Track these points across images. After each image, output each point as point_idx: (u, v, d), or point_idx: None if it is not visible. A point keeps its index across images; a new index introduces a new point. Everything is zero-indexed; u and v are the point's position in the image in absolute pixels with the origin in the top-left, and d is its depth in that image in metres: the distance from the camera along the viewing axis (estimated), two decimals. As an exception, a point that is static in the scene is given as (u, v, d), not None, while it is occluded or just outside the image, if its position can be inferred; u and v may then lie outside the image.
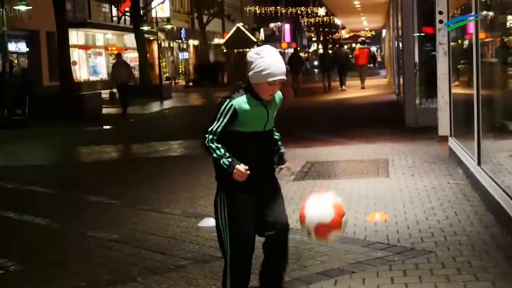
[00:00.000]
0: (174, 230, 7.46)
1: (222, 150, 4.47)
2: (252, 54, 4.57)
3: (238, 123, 4.50)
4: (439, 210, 7.53)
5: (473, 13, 8.63)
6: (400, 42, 19.28)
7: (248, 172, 4.38)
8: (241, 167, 4.39)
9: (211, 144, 4.50)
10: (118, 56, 26.14)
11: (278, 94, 4.71)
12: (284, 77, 4.53)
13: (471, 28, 8.99)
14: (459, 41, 12.17)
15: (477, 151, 8.22)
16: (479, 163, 8.15)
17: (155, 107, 29.15)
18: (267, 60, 4.48)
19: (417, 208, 7.69)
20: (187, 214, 8.19)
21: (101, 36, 46.38)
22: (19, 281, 6.09)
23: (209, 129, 4.53)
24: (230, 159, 4.42)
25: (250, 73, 4.53)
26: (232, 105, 4.48)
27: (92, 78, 44.67)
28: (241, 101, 4.50)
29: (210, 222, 7.58)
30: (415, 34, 17.00)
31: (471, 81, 8.56)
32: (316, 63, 44.53)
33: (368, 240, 6.43)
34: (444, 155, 11.11)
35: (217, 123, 4.51)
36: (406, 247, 6.17)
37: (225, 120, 4.48)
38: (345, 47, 47.71)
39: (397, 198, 8.26)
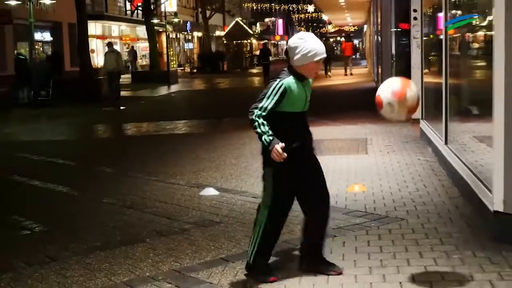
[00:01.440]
0: (178, 198, 7.47)
1: (267, 128, 4.29)
2: (295, 39, 4.50)
3: (286, 102, 4.39)
4: (410, 183, 7.55)
5: (443, 11, 8.61)
6: (379, 36, 19.23)
7: (285, 154, 4.25)
8: (279, 147, 4.25)
9: (257, 119, 4.31)
10: (109, 45, 24.26)
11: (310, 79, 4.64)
12: (325, 55, 4.52)
13: (441, 25, 8.97)
14: (431, 36, 12.14)
15: (444, 132, 8.24)
16: (446, 143, 8.17)
17: (163, 91, 29.05)
18: (311, 43, 4.44)
19: (392, 181, 7.71)
20: (191, 184, 8.19)
21: (116, 28, 46.07)
22: (43, 240, 6.09)
23: (260, 105, 4.36)
24: (271, 137, 4.27)
25: (297, 56, 4.43)
26: (282, 84, 4.38)
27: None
28: (290, 81, 4.41)
29: (210, 191, 7.62)
30: (392, 29, 16.98)
31: (440, 71, 8.56)
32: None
33: (348, 208, 6.45)
34: (416, 135, 11.12)
35: (267, 100, 4.36)
36: (381, 215, 6.19)
37: (276, 98, 4.35)
38: (331, 40, 47.92)
39: (374, 172, 8.28)
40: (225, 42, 56.04)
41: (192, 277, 4.80)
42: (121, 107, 20.76)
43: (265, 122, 4.33)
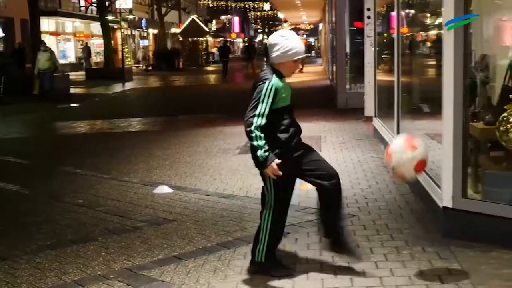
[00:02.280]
0: (131, 196, 7.41)
1: (263, 142, 4.28)
2: (276, 37, 4.49)
3: (278, 100, 4.39)
4: (363, 180, 7.64)
5: (395, 11, 8.72)
6: (334, 35, 19.36)
7: (280, 173, 4.27)
8: (275, 164, 4.26)
9: (255, 131, 4.27)
10: (42, 43, 23.11)
11: None
12: (305, 55, 4.56)
13: (394, 23, 9.09)
14: (384, 34, 12.29)
15: (396, 129, 8.35)
16: (398, 140, 8.26)
17: (117, 88, 28.77)
18: (292, 41, 4.44)
19: (344, 178, 7.75)
20: (144, 182, 8.14)
21: (70, 24, 45.47)
22: (-8, 240, 6.00)
23: (256, 112, 4.30)
24: (267, 153, 4.27)
25: (276, 53, 4.44)
26: (273, 85, 4.36)
27: (62, 61, 43.80)
28: (276, 80, 4.39)
29: (164, 189, 7.59)
30: (346, 28, 17.12)
31: (393, 69, 8.67)
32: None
33: (301, 205, 6.48)
34: (369, 133, 11.25)
35: (262, 105, 4.31)
36: (334, 212, 6.24)
37: (270, 100, 4.33)
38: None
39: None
40: (180, 39, 55.77)
41: (144, 275, 4.78)
42: (73, 105, 20.51)
43: (262, 135, 4.29)
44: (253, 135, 4.28)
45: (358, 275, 4.52)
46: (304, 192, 7.07)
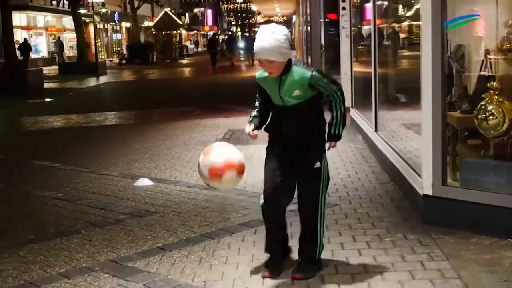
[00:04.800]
0: (112, 189, 7.41)
1: (254, 113, 4.49)
2: None
3: (266, 92, 4.40)
4: (342, 170, 7.71)
5: (371, 2, 8.79)
6: (308, 27, 19.44)
7: (255, 133, 4.39)
8: (247, 129, 4.44)
9: (256, 104, 4.51)
10: None
11: (300, 74, 4.22)
12: (266, 58, 4.13)
13: (369, 15, 9.17)
14: (359, 26, 12.38)
15: (374, 120, 8.44)
16: (376, 130, 8.37)
17: (91, 82, 28.58)
18: (256, 39, 4.20)
19: (324, 168, 7.82)
20: (124, 175, 8.14)
21: (41, 18, 45.05)
22: (-27, 235, 5.96)
23: None
24: (250, 119, 4.48)
25: None
26: (257, 77, 4.41)
27: (34, 56, 43.38)
28: (260, 72, 4.37)
29: (145, 181, 7.60)
30: (321, 20, 17.20)
31: (369, 60, 8.75)
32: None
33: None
34: (347, 123, 11.30)
35: None
36: (315, 201, 6.30)
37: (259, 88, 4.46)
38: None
39: (306, 160, 8.37)
40: (154, 32, 55.55)
41: (130, 266, 4.80)
42: (47, 99, 20.34)
43: (255, 109, 4.50)
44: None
45: (342, 263, 4.58)
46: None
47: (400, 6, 9.81)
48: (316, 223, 4.40)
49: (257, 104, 4.51)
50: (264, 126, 4.54)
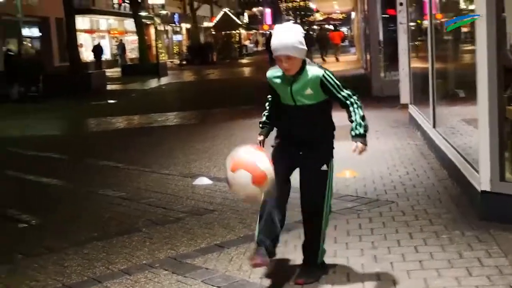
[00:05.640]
0: (172, 188, 7.56)
1: (264, 117, 4.56)
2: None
3: (277, 93, 4.41)
4: (400, 167, 7.67)
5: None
6: (367, 23, 19.30)
7: (263, 149, 4.22)
8: (259, 138, 4.50)
9: (266, 106, 4.58)
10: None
11: (313, 72, 4.23)
12: (286, 53, 4.11)
13: (427, 9, 9.07)
14: (418, 21, 12.23)
15: (432, 116, 8.35)
16: (434, 126, 8.29)
17: (153, 83, 29.05)
18: (274, 36, 4.21)
19: (382, 165, 7.82)
20: (184, 174, 8.29)
21: (104, 21, 45.98)
22: (40, 233, 6.18)
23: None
24: (260, 125, 4.56)
25: None
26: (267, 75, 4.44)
27: (97, 58, 44.36)
28: (271, 72, 4.39)
29: (204, 180, 7.72)
30: (379, 16, 17.06)
31: (427, 56, 8.67)
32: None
33: (340, 193, 6.52)
34: (405, 120, 11.23)
35: None
36: (372, 199, 6.31)
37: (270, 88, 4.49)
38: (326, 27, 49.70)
39: (364, 157, 8.31)
40: (213, 33, 55.98)
41: (188, 263, 4.91)
42: (111, 101, 20.80)
43: (266, 110, 4.58)
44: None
45: (398, 260, 4.58)
46: (342, 179, 7.15)
47: (474, 15, 9.66)
48: (319, 228, 4.38)
49: (267, 105, 4.58)
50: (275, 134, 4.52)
